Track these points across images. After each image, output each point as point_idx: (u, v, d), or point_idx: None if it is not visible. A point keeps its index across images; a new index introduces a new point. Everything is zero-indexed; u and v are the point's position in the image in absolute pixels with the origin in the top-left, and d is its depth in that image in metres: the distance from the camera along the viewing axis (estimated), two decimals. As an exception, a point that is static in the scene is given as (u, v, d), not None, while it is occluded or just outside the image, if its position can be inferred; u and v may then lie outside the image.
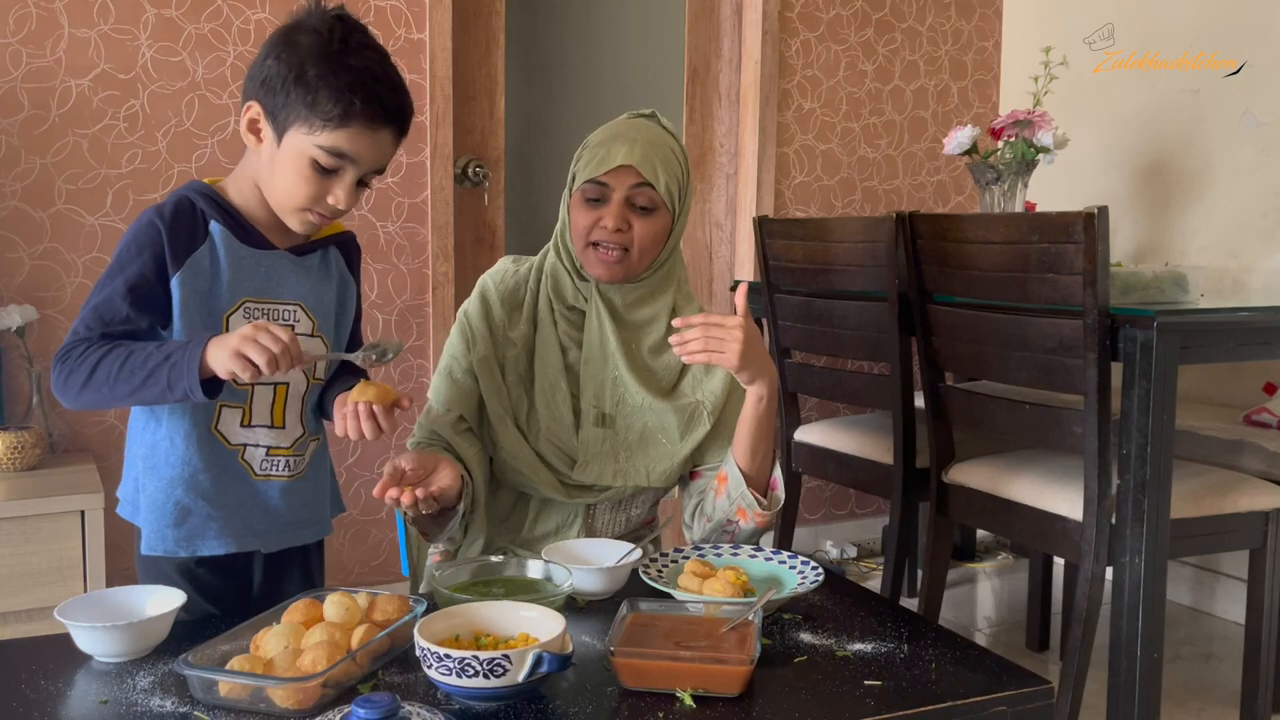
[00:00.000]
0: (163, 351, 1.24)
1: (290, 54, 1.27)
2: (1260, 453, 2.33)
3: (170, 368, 1.23)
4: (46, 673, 1.14)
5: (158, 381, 1.24)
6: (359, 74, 1.27)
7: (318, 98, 1.25)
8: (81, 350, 1.27)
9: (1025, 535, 2.17)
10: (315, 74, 1.25)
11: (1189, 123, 3.00)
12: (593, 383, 1.60)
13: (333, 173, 1.30)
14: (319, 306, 1.42)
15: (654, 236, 1.57)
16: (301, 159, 1.28)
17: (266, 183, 1.33)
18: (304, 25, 1.29)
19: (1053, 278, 1.93)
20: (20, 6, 2.36)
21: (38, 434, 2.27)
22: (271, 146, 1.30)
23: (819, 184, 3.34)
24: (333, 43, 1.26)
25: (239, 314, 1.34)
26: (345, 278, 1.48)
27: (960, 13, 3.51)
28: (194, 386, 1.22)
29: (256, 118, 1.30)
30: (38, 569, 2.06)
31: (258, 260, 1.36)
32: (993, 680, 1.15)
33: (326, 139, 1.27)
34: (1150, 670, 1.95)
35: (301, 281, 1.40)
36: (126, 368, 1.25)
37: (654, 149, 1.56)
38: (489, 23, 2.93)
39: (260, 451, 1.39)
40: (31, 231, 2.40)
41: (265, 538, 1.42)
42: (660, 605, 1.24)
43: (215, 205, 1.34)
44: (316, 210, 1.32)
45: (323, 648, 1.07)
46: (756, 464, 1.54)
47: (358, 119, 1.27)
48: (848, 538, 3.46)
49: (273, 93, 1.27)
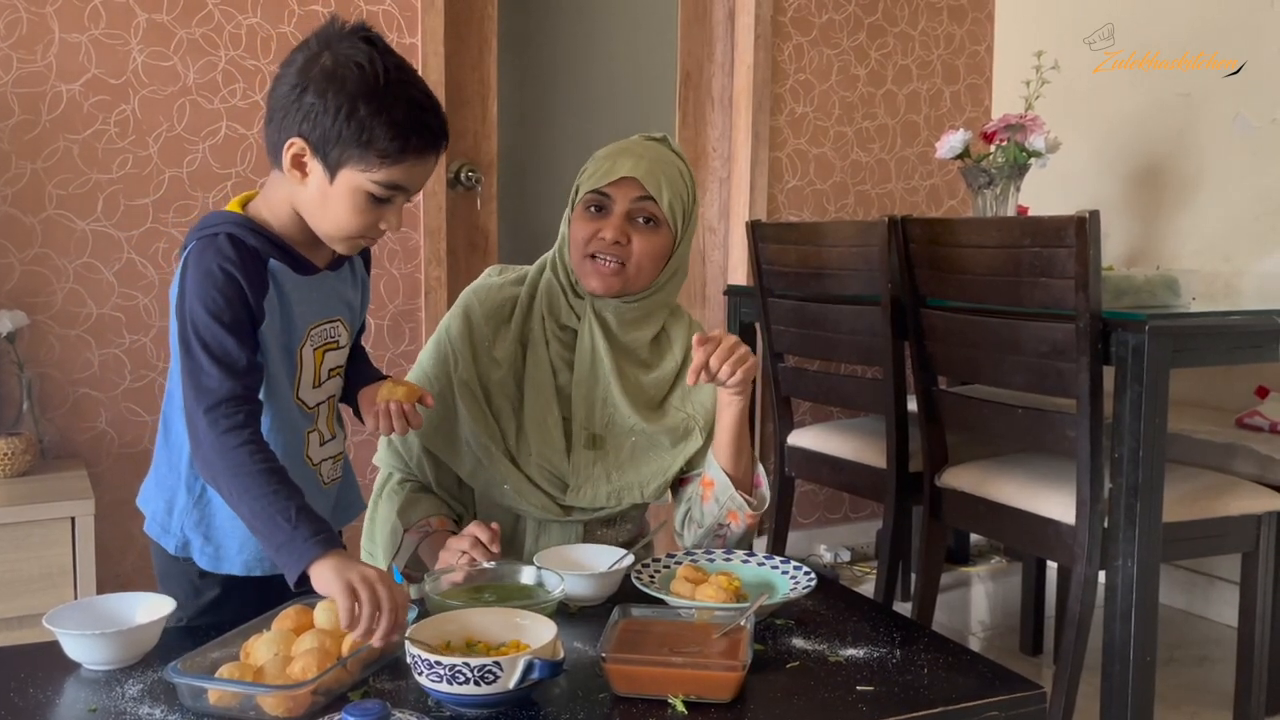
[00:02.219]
0: (286, 524, 1.17)
1: (335, 90, 1.22)
2: (1252, 456, 2.33)
3: (285, 551, 1.17)
4: (35, 680, 1.13)
5: (267, 544, 1.20)
6: (409, 108, 1.24)
7: (373, 136, 1.22)
8: (236, 435, 1.20)
9: (1018, 539, 2.17)
10: (367, 112, 1.22)
11: (1181, 126, 3.00)
12: (584, 404, 1.58)
13: (386, 201, 1.28)
14: (351, 315, 1.44)
15: (653, 254, 1.55)
16: (357, 194, 1.26)
17: (315, 216, 1.30)
18: (337, 53, 1.24)
19: (1045, 282, 1.93)
20: (10, 11, 2.35)
21: (28, 440, 2.26)
22: (322, 182, 1.26)
23: (812, 188, 3.34)
24: (379, 77, 1.23)
25: (307, 345, 1.35)
26: (364, 280, 1.49)
27: (952, 17, 3.52)
28: (291, 574, 1.18)
29: (302, 153, 1.26)
30: (27, 576, 2.05)
31: (311, 287, 1.35)
32: (985, 685, 1.15)
33: (383, 175, 1.25)
34: (1143, 673, 1.95)
35: (340, 295, 1.41)
36: (258, 503, 1.18)
37: (660, 165, 1.55)
38: (481, 27, 2.92)
39: (330, 463, 1.43)
40: (22, 237, 2.39)
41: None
42: (652, 611, 1.24)
43: (264, 240, 1.30)
44: (368, 236, 1.32)
45: (313, 655, 1.07)
46: (741, 466, 1.53)
47: (413, 152, 1.26)
48: (841, 542, 3.46)
49: (320, 129, 1.23)
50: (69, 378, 2.45)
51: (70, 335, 2.44)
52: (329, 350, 1.39)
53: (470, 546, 1.41)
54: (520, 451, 1.57)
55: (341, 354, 1.43)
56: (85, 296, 2.45)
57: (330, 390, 1.41)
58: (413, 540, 1.55)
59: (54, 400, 2.43)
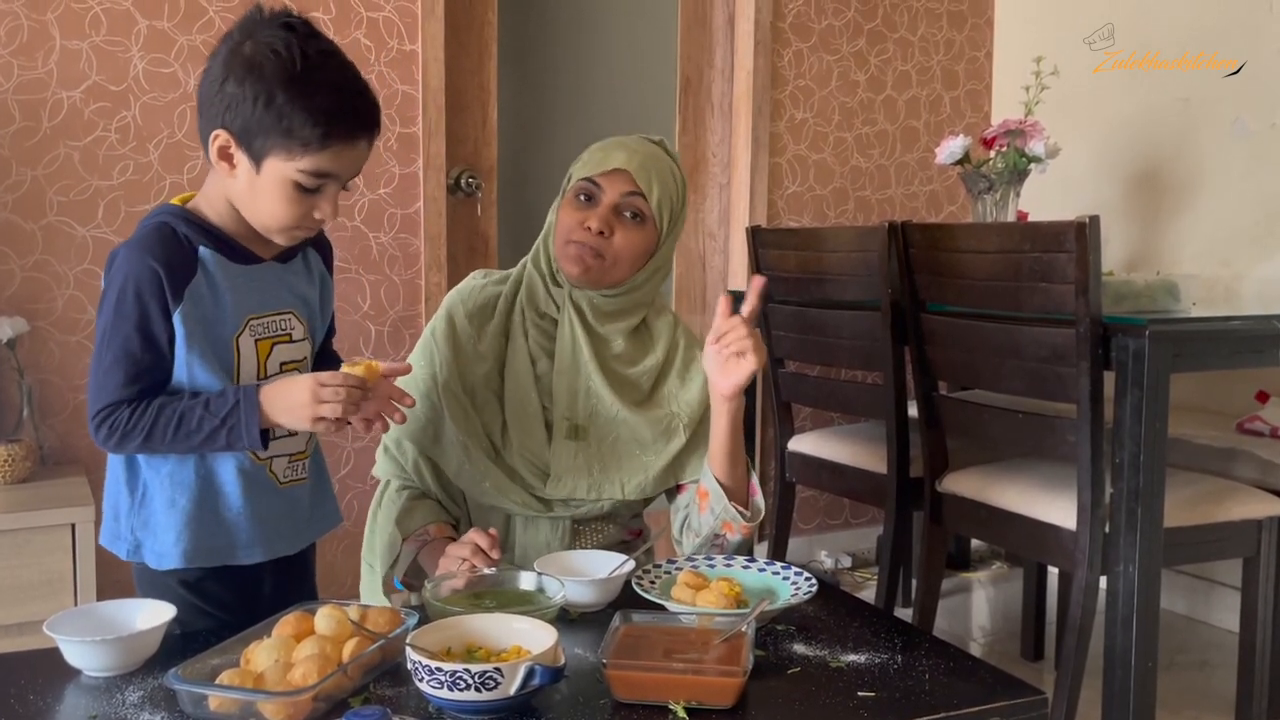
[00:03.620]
0: (214, 413, 1.26)
1: (253, 79, 1.22)
2: (1253, 461, 2.33)
3: (229, 431, 1.26)
4: (35, 687, 1.13)
5: (216, 442, 1.28)
6: (329, 92, 1.23)
7: (293, 124, 1.22)
8: (128, 414, 1.27)
9: (1019, 544, 2.17)
10: (285, 100, 1.21)
11: (1180, 131, 3.01)
12: (565, 394, 1.58)
13: (316, 190, 1.28)
14: (307, 310, 1.43)
15: (634, 250, 1.55)
16: (284, 184, 1.26)
17: (247, 207, 1.30)
18: (258, 40, 1.23)
19: (1045, 287, 1.93)
20: (11, 19, 2.35)
21: (28, 447, 2.26)
22: (248, 173, 1.26)
23: (812, 194, 3.35)
24: (295, 62, 1.21)
25: (246, 334, 1.33)
26: (324, 277, 1.48)
27: (952, 23, 3.53)
28: (256, 443, 1.27)
29: (227, 145, 1.26)
30: (28, 582, 2.04)
31: (250, 276, 1.35)
32: (987, 690, 1.15)
33: (308, 163, 1.24)
34: (1145, 679, 1.95)
35: (291, 288, 1.40)
36: (181, 431, 1.27)
37: (653, 163, 1.56)
38: (481, 33, 2.93)
39: (284, 460, 1.40)
40: (23, 243, 2.39)
41: (292, 540, 1.43)
42: (653, 617, 1.24)
43: (197, 229, 1.31)
44: (304, 226, 1.31)
45: (313, 661, 1.07)
46: (736, 475, 1.53)
47: (337, 138, 1.25)
48: (842, 547, 3.46)
49: (241, 119, 1.23)
50: (69, 384, 2.45)
51: (71, 341, 2.44)
52: (279, 343, 1.36)
53: (471, 554, 1.41)
54: (505, 444, 1.58)
55: (298, 348, 1.40)
56: (86, 303, 2.45)
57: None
58: (411, 549, 1.55)
59: (54, 406, 2.43)
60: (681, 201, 1.60)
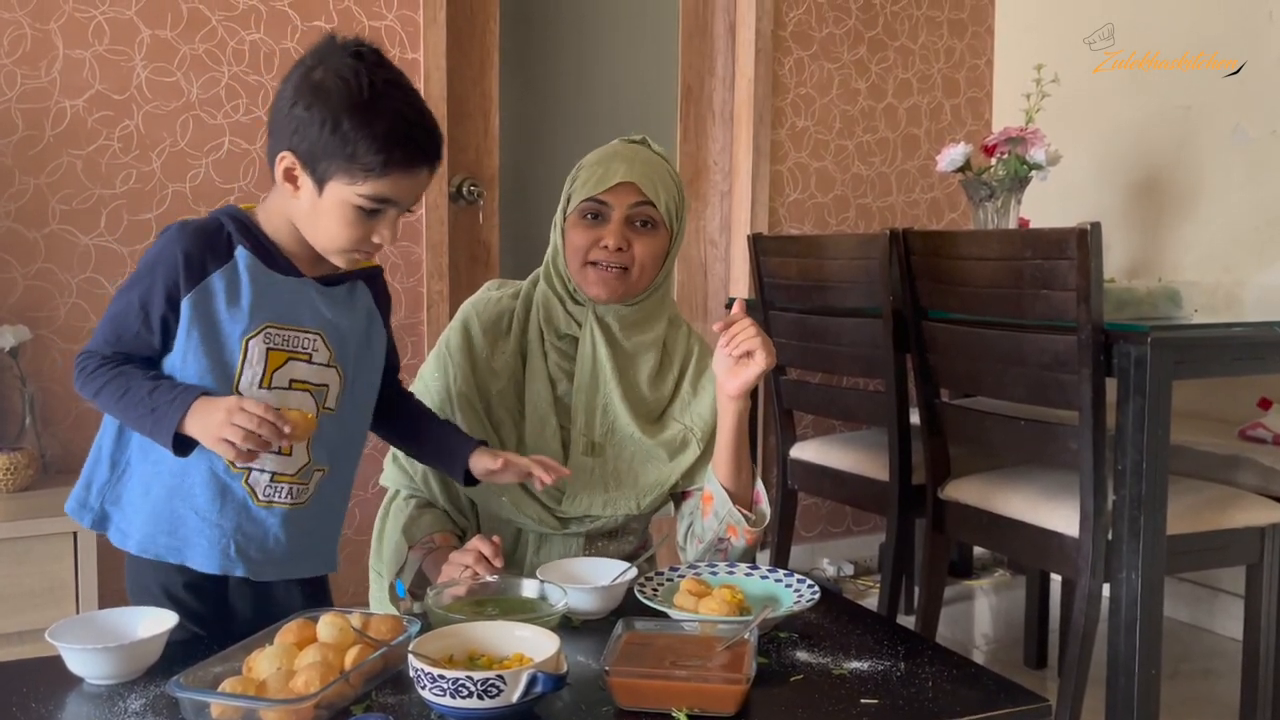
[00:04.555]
0: (153, 399, 1.26)
1: (320, 104, 1.25)
2: (1256, 468, 2.33)
3: (153, 421, 1.26)
4: (38, 695, 1.13)
5: (143, 427, 1.28)
6: (393, 121, 1.26)
7: (356, 150, 1.25)
8: (94, 365, 1.30)
9: (1021, 552, 2.17)
10: (350, 126, 1.24)
11: (1180, 138, 3.01)
12: (584, 411, 1.58)
13: (376, 214, 1.30)
14: (338, 337, 1.39)
15: (654, 255, 1.56)
16: (345, 206, 1.28)
17: (308, 227, 1.32)
18: (329, 67, 1.27)
19: (1046, 294, 1.93)
20: (15, 28, 2.36)
21: (30, 455, 2.26)
22: (311, 195, 1.29)
23: (813, 201, 3.35)
24: (362, 90, 1.25)
25: (259, 338, 1.32)
26: (372, 313, 1.45)
27: (952, 31, 3.53)
28: (167, 444, 1.25)
29: (293, 166, 1.29)
30: (30, 590, 2.05)
31: (282, 286, 1.34)
32: (990, 698, 1.14)
33: (369, 188, 1.27)
34: (1148, 687, 1.94)
35: (324, 311, 1.38)
36: (121, 403, 1.28)
37: (651, 168, 1.56)
38: (483, 42, 2.94)
39: (265, 477, 1.35)
40: (25, 252, 2.40)
41: (258, 567, 1.37)
42: (656, 624, 1.24)
43: (245, 230, 1.33)
44: (362, 249, 1.33)
45: (316, 669, 1.07)
46: (741, 480, 1.53)
47: (397, 166, 1.27)
48: (845, 555, 3.45)
49: (308, 142, 1.26)
50: (71, 392, 2.43)
51: (73, 350, 2.44)
52: (295, 359, 1.34)
53: (474, 561, 1.41)
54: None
55: (317, 371, 1.36)
56: (88, 311, 2.45)
57: (291, 403, 1.33)
58: (417, 557, 1.55)
59: (56, 415, 2.44)
60: (682, 196, 1.61)
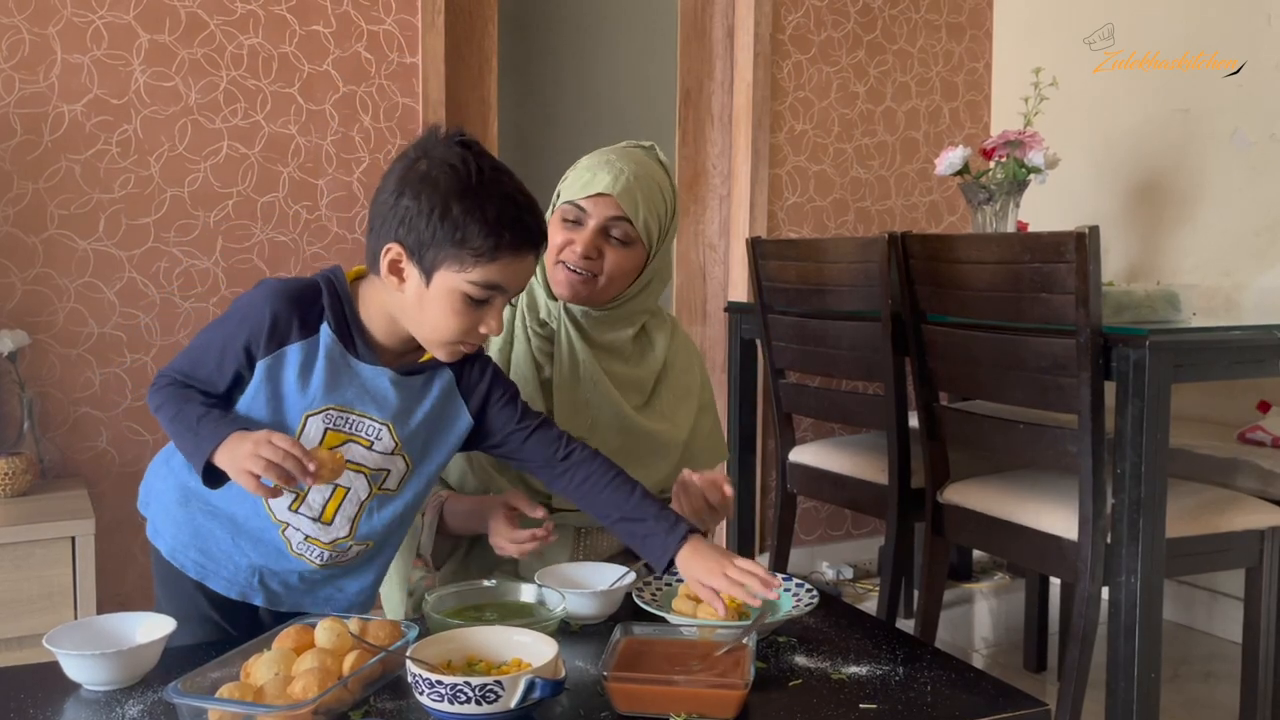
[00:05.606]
0: (199, 425, 1.26)
1: (428, 192, 1.24)
2: (1255, 471, 2.33)
3: (194, 445, 1.25)
4: (35, 701, 1.13)
5: (184, 446, 1.29)
6: (502, 204, 1.25)
7: (466, 235, 1.23)
8: (165, 383, 1.32)
9: (1021, 555, 2.16)
10: (460, 211, 1.23)
11: (1179, 142, 3.01)
12: (566, 405, 1.59)
13: (484, 302, 1.28)
14: (406, 426, 1.36)
15: (624, 269, 1.56)
16: (453, 295, 1.26)
17: (413, 321, 1.30)
18: (433, 158, 1.26)
19: (1045, 297, 1.93)
20: (13, 33, 2.36)
21: (29, 460, 2.26)
22: (418, 286, 1.27)
23: (812, 205, 3.35)
24: (470, 176, 1.25)
25: (320, 417, 1.31)
26: (451, 395, 1.39)
27: (951, 35, 3.54)
28: (198, 468, 1.25)
29: (399, 259, 1.27)
30: (28, 596, 2.04)
31: (355, 373, 1.32)
32: (989, 702, 1.14)
33: (478, 274, 1.25)
34: (1148, 690, 1.94)
35: (395, 401, 1.34)
36: (174, 423, 1.29)
37: (639, 182, 1.55)
38: (481, 46, 2.94)
39: (299, 535, 1.35)
40: (24, 256, 2.40)
41: (277, 599, 1.39)
42: (654, 629, 1.24)
43: (337, 307, 1.31)
44: (468, 341, 1.31)
45: (314, 674, 1.06)
46: None
47: (507, 250, 1.25)
48: (844, 559, 3.45)
49: (415, 232, 1.25)
50: (70, 397, 2.45)
51: (71, 355, 2.45)
52: (353, 442, 1.32)
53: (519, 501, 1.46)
54: None
55: (377, 457, 1.34)
56: (86, 316, 2.45)
57: (343, 483, 1.33)
58: (431, 518, 1.55)
59: (55, 420, 2.43)
60: (671, 213, 1.60)
